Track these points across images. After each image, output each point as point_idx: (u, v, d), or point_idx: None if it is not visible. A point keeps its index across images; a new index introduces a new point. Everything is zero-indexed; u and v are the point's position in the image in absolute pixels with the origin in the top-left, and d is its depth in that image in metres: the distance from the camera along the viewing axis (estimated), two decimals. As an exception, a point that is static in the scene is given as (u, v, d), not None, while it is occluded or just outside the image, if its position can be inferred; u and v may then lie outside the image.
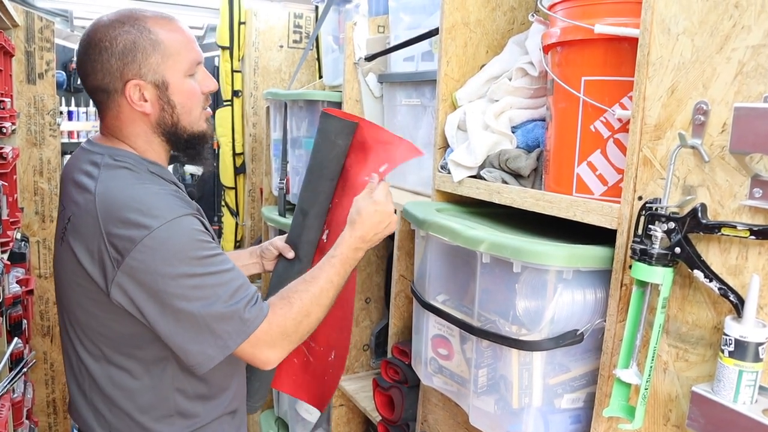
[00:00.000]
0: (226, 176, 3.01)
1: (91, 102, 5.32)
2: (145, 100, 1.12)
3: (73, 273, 1.11)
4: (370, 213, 1.24)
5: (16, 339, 1.84)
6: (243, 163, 2.99)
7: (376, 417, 1.76)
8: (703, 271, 0.84)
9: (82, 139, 5.19)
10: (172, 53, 1.11)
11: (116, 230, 1.04)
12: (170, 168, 1.29)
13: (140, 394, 1.15)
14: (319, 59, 2.77)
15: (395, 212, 1.29)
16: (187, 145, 1.19)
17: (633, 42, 0.93)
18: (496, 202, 1.22)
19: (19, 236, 2.45)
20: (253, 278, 2.33)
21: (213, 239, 1.13)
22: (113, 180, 1.09)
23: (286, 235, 1.51)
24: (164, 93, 1.12)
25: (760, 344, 0.77)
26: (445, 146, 1.40)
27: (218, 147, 3.00)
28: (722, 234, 0.82)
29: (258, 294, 1.12)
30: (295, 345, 1.16)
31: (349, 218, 1.26)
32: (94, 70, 1.10)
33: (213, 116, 2.75)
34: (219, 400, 1.24)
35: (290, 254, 1.45)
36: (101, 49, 1.09)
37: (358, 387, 1.98)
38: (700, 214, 0.84)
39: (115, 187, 1.08)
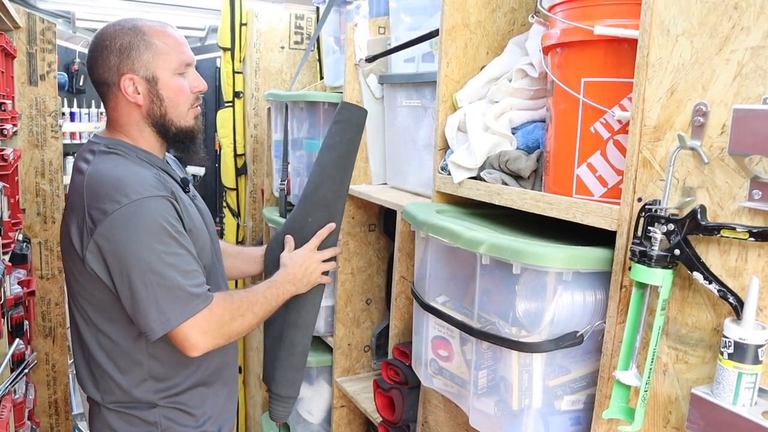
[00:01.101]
0: (228, 177, 3.01)
1: (92, 103, 5.37)
2: (138, 93, 1.29)
3: (67, 246, 1.27)
4: (300, 257, 1.48)
5: (17, 340, 1.85)
6: (244, 164, 2.99)
7: (376, 418, 1.76)
8: (702, 272, 0.83)
9: (84, 141, 5.20)
10: (162, 53, 1.29)
11: (94, 203, 1.20)
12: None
13: (119, 356, 1.30)
14: (320, 60, 2.77)
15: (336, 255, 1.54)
16: (176, 138, 1.35)
17: (632, 43, 0.93)
18: (496, 203, 1.22)
19: (20, 237, 2.45)
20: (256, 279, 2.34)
21: (183, 225, 1.26)
22: (103, 163, 1.26)
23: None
24: (154, 87, 1.29)
25: (760, 346, 0.77)
26: (446, 147, 1.40)
27: (220, 148, 3.00)
28: (722, 236, 0.81)
29: (206, 285, 1.26)
30: (223, 341, 1.28)
31: (281, 260, 1.49)
32: (97, 66, 1.30)
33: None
34: (193, 369, 1.36)
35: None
36: (103, 48, 1.28)
37: (359, 388, 1.98)
38: (699, 216, 0.84)
39: (102, 168, 1.24)
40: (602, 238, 1.02)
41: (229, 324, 1.27)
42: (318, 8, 2.77)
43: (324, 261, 1.51)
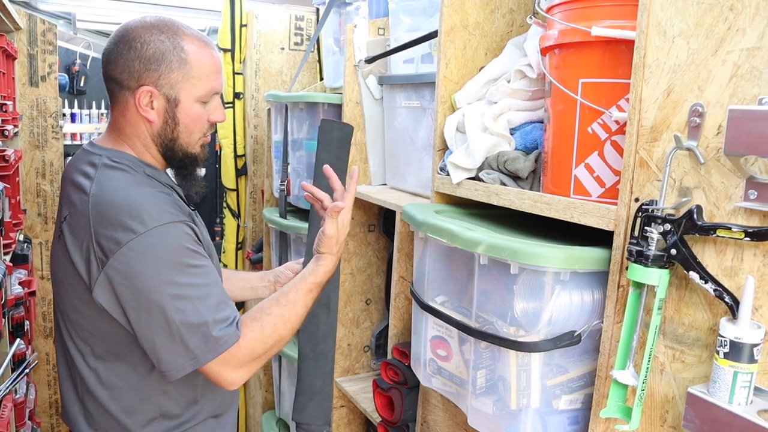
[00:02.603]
0: (228, 178, 3.01)
1: (93, 105, 5.35)
2: (152, 108, 1.15)
3: (66, 271, 1.13)
4: (337, 233, 1.25)
5: (18, 340, 1.85)
6: (244, 165, 3.00)
7: (376, 418, 1.76)
8: (698, 272, 0.84)
9: (85, 142, 5.20)
10: (193, 76, 1.14)
11: (104, 231, 1.05)
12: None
13: (126, 394, 1.16)
14: (320, 61, 2.78)
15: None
16: (180, 163, 1.22)
17: (630, 44, 0.94)
18: (495, 203, 1.22)
19: (21, 238, 2.46)
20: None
21: (203, 248, 1.14)
22: (108, 181, 1.11)
23: (302, 260, 1.46)
24: (172, 108, 1.15)
25: (755, 345, 0.78)
26: (444, 148, 1.40)
27: (220, 149, 3.01)
28: (718, 236, 0.82)
29: (236, 314, 1.12)
30: (258, 366, 1.15)
31: (321, 245, 1.25)
32: (116, 62, 1.14)
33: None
34: (204, 403, 1.24)
35: None
36: (131, 47, 1.12)
37: (358, 388, 1.99)
38: (695, 216, 0.84)
39: (109, 188, 1.09)
40: (600, 238, 1.03)
41: (265, 352, 1.15)
42: (318, 9, 2.78)
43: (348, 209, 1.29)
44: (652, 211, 0.89)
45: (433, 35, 1.58)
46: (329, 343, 1.46)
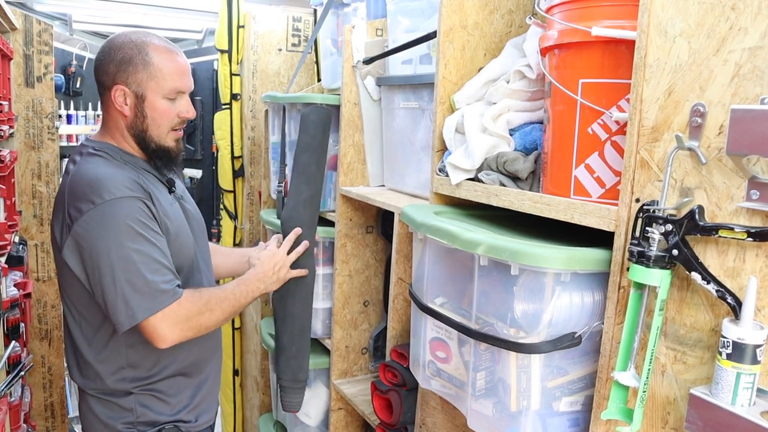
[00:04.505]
0: (225, 179, 3.00)
1: (89, 105, 5.35)
2: (126, 104, 1.38)
3: (54, 242, 1.36)
4: (268, 256, 1.58)
5: (13, 342, 1.84)
6: (241, 167, 2.99)
7: (374, 420, 1.75)
8: (700, 273, 0.83)
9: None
10: (156, 76, 1.36)
11: (73, 202, 1.29)
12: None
13: (100, 345, 1.38)
14: (317, 62, 2.77)
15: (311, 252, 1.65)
16: (155, 153, 1.42)
17: (630, 44, 0.93)
18: (494, 204, 1.22)
19: (17, 239, 2.45)
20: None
21: (158, 224, 1.33)
22: (87, 164, 1.35)
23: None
24: (141, 104, 1.37)
25: (758, 346, 0.77)
26: (443, 149, 1.40)
27: (217, 150, 3.00)
28: (720, 236, 0.81)
29: (177, 280, 1.32)
30: (192, 333, 1.34)
31: (251, 260, 1.60)
32: (99, 68, 1.39)
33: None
34: (172, 359, 1.42)
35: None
36: (107, 54, 1.38)
37: (356, 390, 1.98)
38: (697, 216, 0.84)
39: (85, 169, 1.33)
40: (600, 239, 1.02)
41: (197, 318, 1.33)
42: (315, 10, 2.77)
43: (295, 255, 1.61)
44: (654, 211, 0.89)
45: (431, 36, 1.57)
46: (296, 304, 1.66)
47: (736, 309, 0.80)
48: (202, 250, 1.54)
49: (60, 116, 4.67)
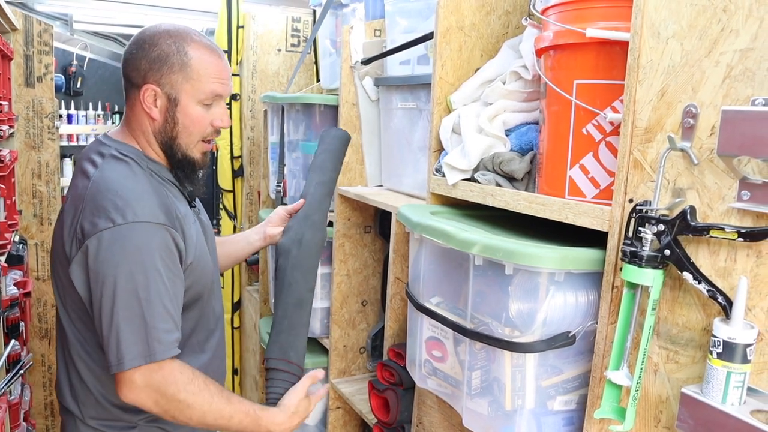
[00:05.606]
0: (224, 179, 3.01)
1: (90, 105, 5.34)
2: (156, 106, 1.22)
3: (59, 247, 1.21)
4: (298, 412, 1.29)
5: (13, 341, 1.85)
6: (241, 167, 3.00)
7: (372, 419, 1.76)
8: (692, 273, 0.84)
9: (82, 143, 5.20)
10: (193, 79, 1.21)
11: (89, 214, 1.13)
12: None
13: (104, 367, 1.18)
14: (316, 63, 2.78)
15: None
16: (179, 164, 1.27)
17: (624, 46, 0.94)
18: (490, 204, 1.22)
19: (17, 239, 2.46)
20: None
21: (180, 256, 1.18)
22: (110, 171, 1.18)
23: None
24: (173, 108, 1.22)
25: (748, 346, 0.78)
26: (440, 149, 1.40)
27: (216, 150, 3.01)
28: (711, 236, 0.82)
29: (178, 335, 1.15)
30: (156, 408, 1.14)
31: (282, 403, 1.30)
32: (128, 61, 1.23)
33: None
34: None
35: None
36: (140, 48, 1.21)
37: (354, 389, 1.98)
38: (689, 217, 0.84)
39: (108, 177, 1.17)
40: (594, 239, 1.03)
41: (174, 394, 1.13)
42: (314, 11, 2.78)
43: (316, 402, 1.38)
44: (646, 211, 0.89)
45: (429, 37, 1.58)
46: (296, 273, 1.51)
47: (726, 309, 0.81)
48: (216, 269, 1.39)
49: (60, 116, 4.69)
